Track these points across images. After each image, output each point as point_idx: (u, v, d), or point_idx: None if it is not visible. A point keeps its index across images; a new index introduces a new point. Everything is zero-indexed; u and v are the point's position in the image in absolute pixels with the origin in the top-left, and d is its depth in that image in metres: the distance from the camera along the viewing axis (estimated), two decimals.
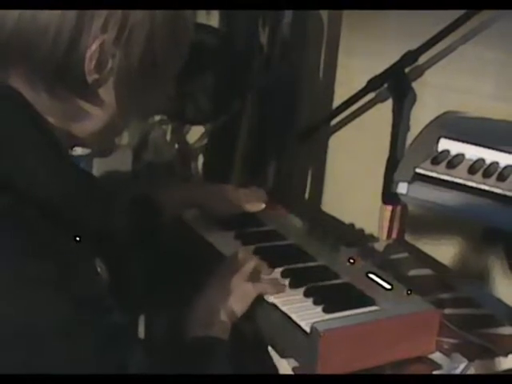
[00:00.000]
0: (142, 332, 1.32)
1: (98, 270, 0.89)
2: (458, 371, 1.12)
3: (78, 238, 0.83)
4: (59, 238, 0.80)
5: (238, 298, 1.12)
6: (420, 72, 1.64)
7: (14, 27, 0.82)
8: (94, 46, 0.82)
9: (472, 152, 1.37)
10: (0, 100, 0.83)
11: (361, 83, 1.67)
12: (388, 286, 1.20)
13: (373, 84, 1.64)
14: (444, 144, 1.40)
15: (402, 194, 1.36)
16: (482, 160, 1.35)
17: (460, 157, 1.37)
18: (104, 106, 0.88)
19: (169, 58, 0.90)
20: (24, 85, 0.84)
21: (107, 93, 0.87)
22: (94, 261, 0.88)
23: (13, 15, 0.82)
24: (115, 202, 1.04)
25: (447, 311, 1.25)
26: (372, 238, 1.53)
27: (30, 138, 0.83)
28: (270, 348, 1.15)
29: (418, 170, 1.35)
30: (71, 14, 0.81)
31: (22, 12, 0.81)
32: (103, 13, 0.82)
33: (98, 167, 1.62)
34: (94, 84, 0.85)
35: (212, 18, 1.91)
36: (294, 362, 1.09)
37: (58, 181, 0.84)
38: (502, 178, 1.29)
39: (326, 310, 1.19)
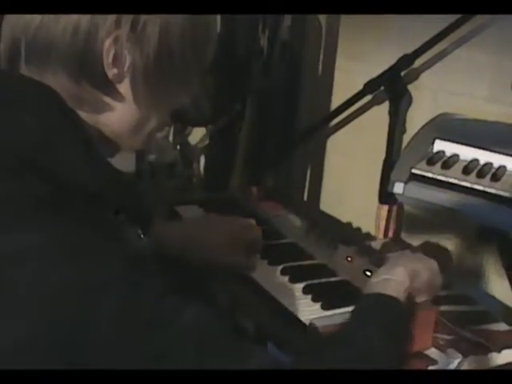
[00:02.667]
0: None
1: (140, 235, 0.91)
2: (452, 366, 1.12)
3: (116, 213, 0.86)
4: (100, 213, 0.82)
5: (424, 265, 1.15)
6: (416, 75, 1.64)
7: (39, 24, 0.84)
8: (109, 41, 0.83)
9: (466, 153, 1.37)
10: (37, 97, 0.85)
11: (358, 86, 1.67)
12: None
13: (370, 87, 1.64)
14: (439, 145, 1.40)
15: (398, 194, 1.36)
16: (476, 161, 1.35)
17: (455, 157, 1.37)
18: (125, 101, 0.88)
19: (188, 57, 0.90)
20: (54, 82, 0.85)
21: (127, 88, 0.88)
22: (136, 228, 0.90)
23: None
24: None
25: (443, 308, 1.25)
26: (369, 237, 1.53)
27: (66, 131, 0.85)
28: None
29: (414, 171, 1.35)
30: None
31: None
32: None
33: None
34: (114, 79, 0.86)
35: None
36: None
37: (93, 169, 0.86)
38: (495, 178, 1.29)
39: (324, 307, 1.19)
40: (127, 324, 0.77)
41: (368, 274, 1.26)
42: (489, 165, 1.33)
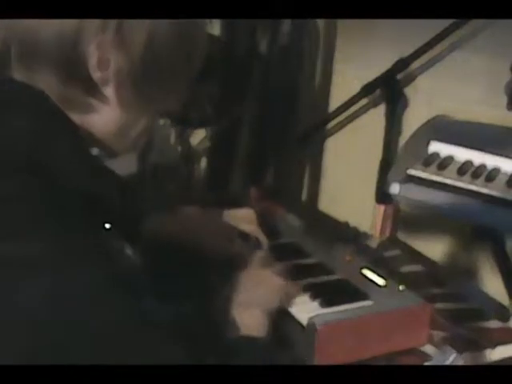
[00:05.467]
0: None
1: (128, 252, 0.90)
2: (447, 362, 1.12)
3: (107, 226, 0.86)
4: (89, 220, 0.81)
5: (272, 292, 1.09)
6: (411, 78, 1.64)
7: (28, 27, 0.83)
8: (93, 45, 0.82)
9: (461, 154, 1.37)
10: (29, 100, 0.84)
11: (355, 89, 1.67)
12: (381, 282, 1.20)
13: (367, 90, 1.64)
14: (434, 147, 1.40)
15: (394, 194, 1.36)
16: (470, 162, 1.35)
17: (449, 159, 1.37)
18: (110, 104, 0.88)
19: (176, 64, 0.89)
20: (43, 83, 0.85)
21: (112, 91, 0.87)
22: (123, 245, 0.89)
23: None
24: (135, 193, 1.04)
25: (438, 305, 1.25)
26: (366, 236, 1.53)
27: (57, 130, 0.84)
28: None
29: (410, 172, 1.35)
30: None
31: None
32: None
33: None
34: (100, 82, 0.85)
35: (214, 27, 1.92)
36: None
37: (84, 167, 0.85)
38: (489, 178, 1.30)
39: (322, 305, 1.19)
40: (110, 328, 0.77)
41: (365, 272, 1.26)
42: (483, 166, 1.34)
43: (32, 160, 0.80)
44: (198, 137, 2.16)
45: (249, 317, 1.02)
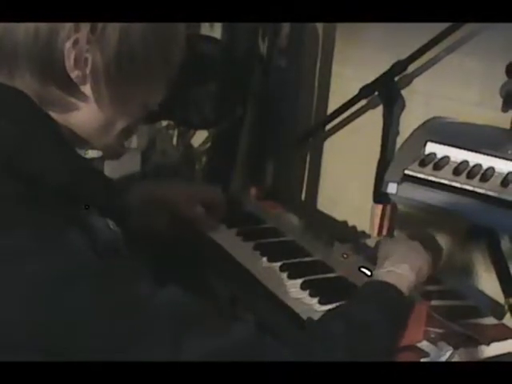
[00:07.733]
0: None
1: (110, 226, 0.91)
2: (443, 359, 1.12)
3: (87, 207, 0.86)
4: (71, 208, 0.82)
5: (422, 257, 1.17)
6: (409, 80, 1.64)
7: (5, 28, 0.82)
8: (69, 44, 0.82)
9: (457, 155, 1.37)
10: (11, 101, 0.84)
11: (353, 91, 1.67)
12: None
13: (365, 91, 1.64)
14: (431, 147, 1.40)
15: (391, 194, 1.36)
16: (465, 162, 1.35)
17: (445, 159, 1.37)
18: (89, 102, 0.87)
19: (153, 63, 0.89)
20: (23, 84, 0.84)
21: (90, 89, 0.86)
22: (105, 220, 0.90)
23: None
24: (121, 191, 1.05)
25: (434, 303, 1.25)
26: (364, 235, 1.53)
27: (40, 131, 0.84)
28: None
29: (407, 172, 1.35)
30: None
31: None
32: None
33: (108, 169, 1.63)
34: (78, 81, 0.85)
35: (215, 30, 1.92)
36: None
37: (67, 164, 0.86)
38: (484, 178, 1.30)
39: (321, 302, 1.19)
40: (100, 310, 0.77)
41: (363, 270, 1.26)
42: (478, 166, 1.34)
43: (15, 159, 0.80)
44: (200, 137, 2.16)
45: (398, 267, 1.10)
